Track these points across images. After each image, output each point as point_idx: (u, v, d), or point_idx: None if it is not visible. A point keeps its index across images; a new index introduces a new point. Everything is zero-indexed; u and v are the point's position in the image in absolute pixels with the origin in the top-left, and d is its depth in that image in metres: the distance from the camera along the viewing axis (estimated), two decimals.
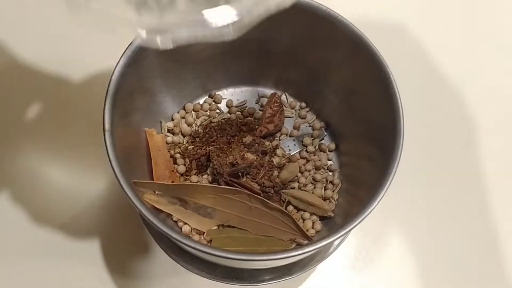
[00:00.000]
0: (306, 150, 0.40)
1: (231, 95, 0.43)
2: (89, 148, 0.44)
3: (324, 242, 0.28)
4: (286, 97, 0.42)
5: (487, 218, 0.44)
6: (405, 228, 0.43)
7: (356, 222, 0.29)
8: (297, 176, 0.39)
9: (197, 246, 0.27)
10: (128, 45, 0.32)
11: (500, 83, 0.50)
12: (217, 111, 0.42)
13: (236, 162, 0.36)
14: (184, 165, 0.39)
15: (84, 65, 0.48)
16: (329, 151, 0.41)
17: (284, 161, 0.39)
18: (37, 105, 0.46)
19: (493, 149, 0.47)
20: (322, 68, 0.38)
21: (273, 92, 0.42)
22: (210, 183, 0.38)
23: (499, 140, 0.47)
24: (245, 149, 0.38)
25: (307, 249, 0.28)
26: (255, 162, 0.37)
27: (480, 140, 0.47)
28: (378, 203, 0.30)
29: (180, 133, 0.40)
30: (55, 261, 0.41)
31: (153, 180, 0.36)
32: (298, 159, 0.40)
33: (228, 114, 0.42)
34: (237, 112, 0.42)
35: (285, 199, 0.37)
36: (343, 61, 0.36)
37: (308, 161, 0.40)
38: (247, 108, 0.42)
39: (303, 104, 0.42)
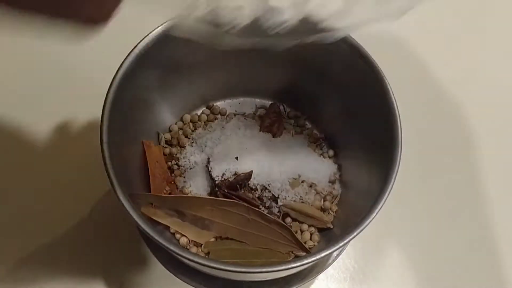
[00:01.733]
0: None
1: (229, 106, 0.43)
2: (86, 160, 0.44)
3: (323, 253, 0.28)
4: (284, 108, 0.42)
5: (486, 228, 0.44)
6: (404, 239, 0.43)
7: (355, 233, 0.29)
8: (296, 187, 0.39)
9: (195, 259, 0.27)
10: (126, 57, 0.32)
11: (495, 93, 0.50)
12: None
13: (235, 172, 0.36)
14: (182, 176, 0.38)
15: (81, 76, 0.48)
16: None
17: None
18: (36, 113, 0.46)
19: (491, 158, 0.47)
20: (320, 79, 0.38)
21: (272, 102, 0.42)
22: (208, 195, 0.37)
23: (497, 149, 0.48)
24: None
25: (305, 261, 0.27)
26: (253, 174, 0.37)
27: (477, 149, 0.47)
28: (377, 213, 0.29)
29: (177, 144, 0.40)
30: (52, 273, 0.40)
31: (150, 192, 0.36)
32: None
33: None
34: None
35: (284, 211, 0.37)
36: (341, 72, 0.36)
37: None
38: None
39: (300, 113, 0.42)
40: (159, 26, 0.33)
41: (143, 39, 0.33)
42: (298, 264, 0.27)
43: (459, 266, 0.43)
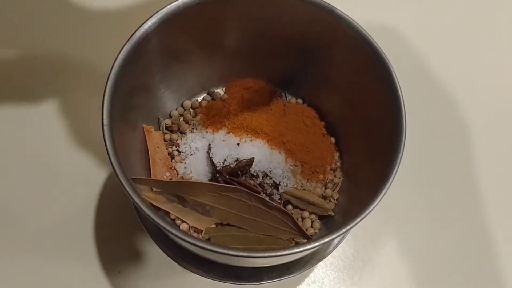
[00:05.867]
0: None
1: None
2: (85, 148, 0.44)
3: (325, 239, 0.28)
4: (285, 95, 0.42)
5: (483, 220, 0.44)
6: (404, 228, 0.43)
7: (357, 221, 0.29)
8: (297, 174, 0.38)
9: (197, 243, 0.27)
10: (127, 41, 0.32)
11: (494, 87, 0.51)
12: None
13: (237, 159, 0.36)
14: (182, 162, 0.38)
15: (83, 59, 0.47)
16: None
17: None
18: (36, 99, 0.46)
19: (489, 152, 0.47)
20: (323, 66, 0.38)
21: (273, 89, 0.41)
22: (209, 181, 0.37)
23: (495, 143, 0.48)
24: None
25: (308, 246, 0.27)
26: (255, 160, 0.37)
27: (476, 142, 0.47)
28: (379, 202, 0.29)
29: (178, 130, 0.40)
30: (50, 260, 0.40)
31: (150, 177, 0.36)
32: None
33: None
34: None
35: (285, 198, 0.37)
36: (345, 58, 0.36)
37: None
38: None
39: (301, 101, 0.42)
40: (158, 11, 0.33)
41: (143, 23, 0.33)
42: (301, 249, 0.27)
43: (456, 257, 0.43)
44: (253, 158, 0.36)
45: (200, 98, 0.42)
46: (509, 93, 0.50)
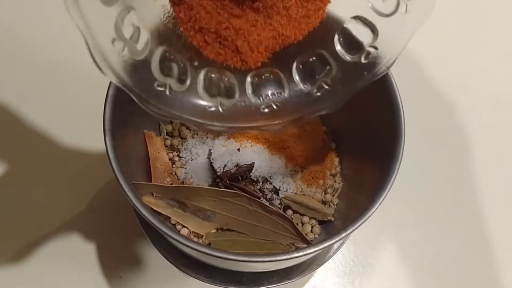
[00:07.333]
0: None
1: None
2: (87, 153, 0.44)
3: (325, 244, 0.28)
4: None
5: (482, 224, 0.44)
6: (404, 233, 0.44)
7: (357, 225, 0.29)
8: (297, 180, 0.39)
9: (198, 247, 0.27)
10: None
11: (491, 92, 0.51)
12: None
13: (237, 164, 0.36)
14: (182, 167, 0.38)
15: (85, 64, 0.48)
16: None
17: None
18: (38, 104, 0.46)
19: (487, 157, 0.47)
20: None
21: None
22: (210, 186, 0.37)
23: (494, 148, 0.48)
24: None
25: (308, 251, 0.28)
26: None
27: (475, 148, 0.48)
28: (378, 207, 0.30)
29: (179, 136, 0.40)
30: (51, 265, 0.41)
31: (151, 182, 0.36)
32: None
33: None
34: None
35: (285, 203, 0.37)
36: None
37: None
38: None
39: None
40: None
41: None
42: (301, 254, 0.27)
43: (455, 261, 0.43)
44: (253, 163, 0.36)
45: None
46: (507, 99, 0.51)
